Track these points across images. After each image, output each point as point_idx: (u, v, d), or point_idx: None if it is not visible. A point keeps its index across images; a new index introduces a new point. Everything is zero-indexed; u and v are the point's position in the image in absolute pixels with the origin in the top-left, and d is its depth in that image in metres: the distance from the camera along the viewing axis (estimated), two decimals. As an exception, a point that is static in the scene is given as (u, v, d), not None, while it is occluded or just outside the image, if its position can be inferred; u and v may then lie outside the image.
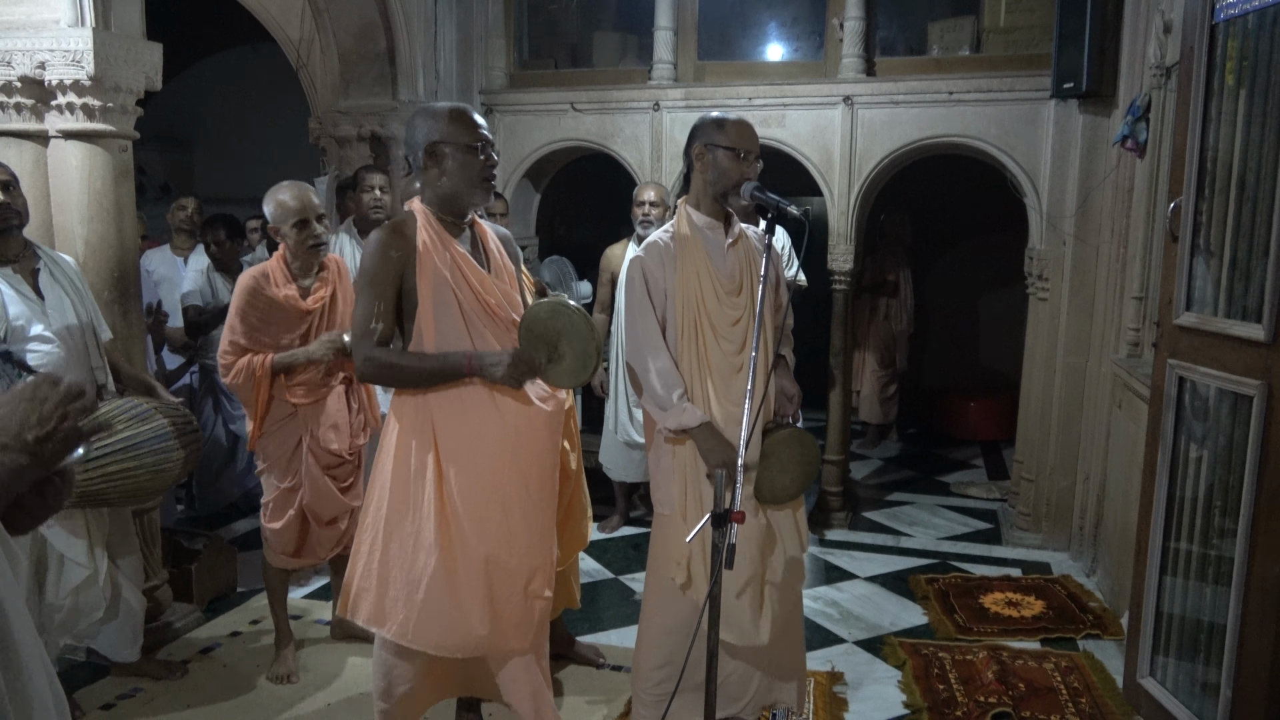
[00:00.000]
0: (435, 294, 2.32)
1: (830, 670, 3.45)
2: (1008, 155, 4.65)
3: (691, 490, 2.55)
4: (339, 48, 4.99)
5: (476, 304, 2.36)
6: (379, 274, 2.32)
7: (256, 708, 3.15)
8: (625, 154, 5.21)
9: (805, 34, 5.35)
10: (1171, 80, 3.62)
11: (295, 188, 3.08)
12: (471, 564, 2.37)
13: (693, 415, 2.48)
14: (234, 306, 3.04)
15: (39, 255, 2.88)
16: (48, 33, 3.00)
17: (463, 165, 2.33)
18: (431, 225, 2.36)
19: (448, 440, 2.35)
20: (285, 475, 3.19)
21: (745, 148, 2.49)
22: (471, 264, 2.38)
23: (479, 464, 2.36)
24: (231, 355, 3.05)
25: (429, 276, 2.32)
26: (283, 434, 3.17)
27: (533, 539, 2.45)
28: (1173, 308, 2.51)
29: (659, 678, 2.69)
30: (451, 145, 2.33)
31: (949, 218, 7.30)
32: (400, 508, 2.38)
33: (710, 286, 2.53)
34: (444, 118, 2.35)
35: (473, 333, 2.35)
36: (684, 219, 2.59)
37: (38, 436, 1.10)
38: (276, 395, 3.11)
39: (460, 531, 2.36)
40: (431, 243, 2.33)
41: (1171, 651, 2.64)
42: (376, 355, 2.33)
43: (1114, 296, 4.26)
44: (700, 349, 2.53)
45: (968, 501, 5.61)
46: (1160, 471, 2.58)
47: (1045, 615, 3.91)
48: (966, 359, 7.67)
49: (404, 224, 2.37)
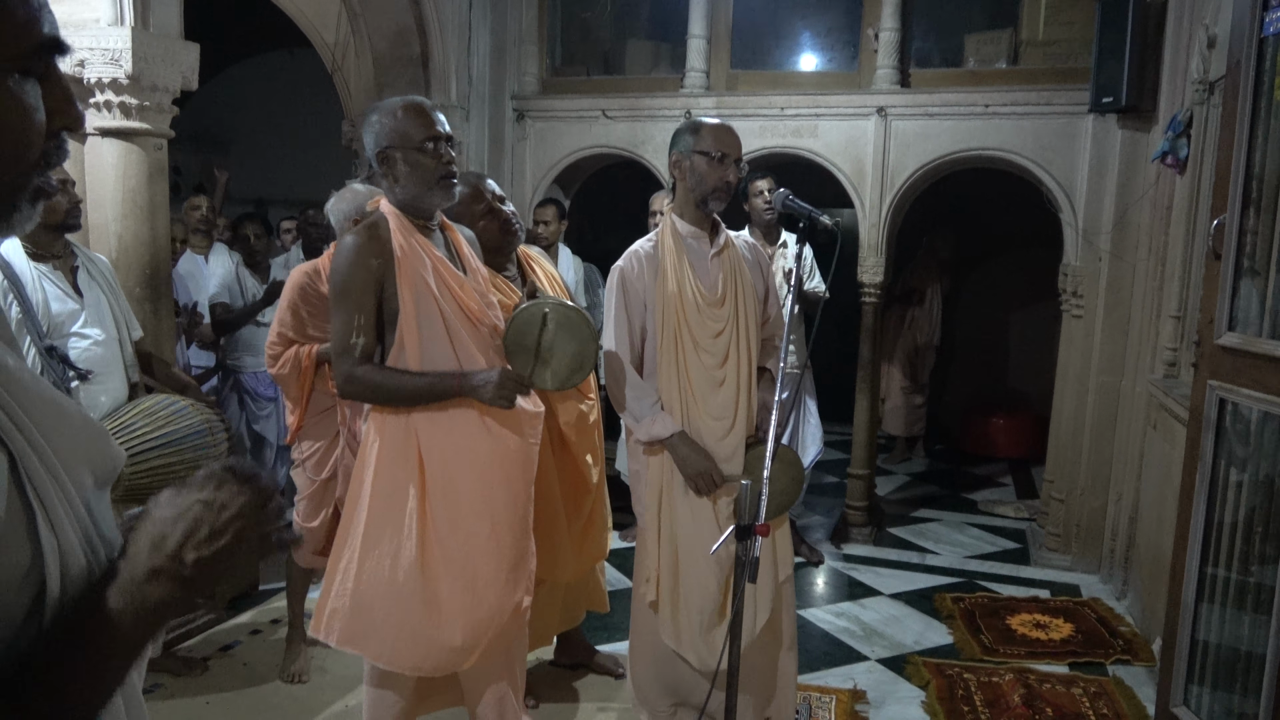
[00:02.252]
0: (418, 303, 2.19)
1: (852, 688, 3.39)
2: (1044, 170, 4.58)
3: (666, 503, 2.52)
4: (373, 52, 5.02)
5: (459, 311, 2.25)
6: (356, 284, 2.17)
7: (274, 707, 3.15)
8: (656, 162, 5.19)
9: (839, 44, 5.32)
10: (1214, 95, 3.55)
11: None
12: (456, 583, 2.26)
13: (664, 425, 2.46)
14: (285, 300, 3.11)
15: (76, 254, 2.92)
16: (87, 31, 3.03)
17: (416, 167, 2.19)
18: (405, 229, 2.22)
19: (433, 455, 2.24)
20: (321, 467, 3.22)
21: (722, 150, 2.43)
22: (450, 269, 2.25)
23: (467, 480, 2.26)
24: (280, 345, 3.11)
25: (410, 285, 2.18)
26: (321, 426, 3.21)
27: (519, 553, 2.37)
28: (1214, 328, 2.45)
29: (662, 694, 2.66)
30: (400, 149, 2.18)
31: (981, 232, 7.22)
32: (379, 525, 2.26)
33: (691, 297, 2.48)
34: (390, 116, 2.19)
35: (455, 342, 2.24)
36: (668, 227, 2.56)
37: (200, 558, 0.80)
38: (318, 387, 3.16)
39: (444, 550, 2.25)
40: (409, 248, 2.20)
41: (1207, 681, 2.57)
42: (360, 374, 2.19)
43: (1150, 315, 4.18)
44: (680, 361, 2.48)
45: (995, 520, 5.52)
46: (1198, 495, 2.51)
47: (1074, 639, 3.82)
48: (996, 375, 7.57)
49: (377, 226, 2.22)
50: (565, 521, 2.94)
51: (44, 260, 2.80)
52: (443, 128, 2.23)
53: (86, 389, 2.80)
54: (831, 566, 4.66)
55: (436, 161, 2.20)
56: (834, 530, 5.09)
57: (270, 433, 4.86)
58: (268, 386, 4.82)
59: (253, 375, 4.78)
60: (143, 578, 0.79)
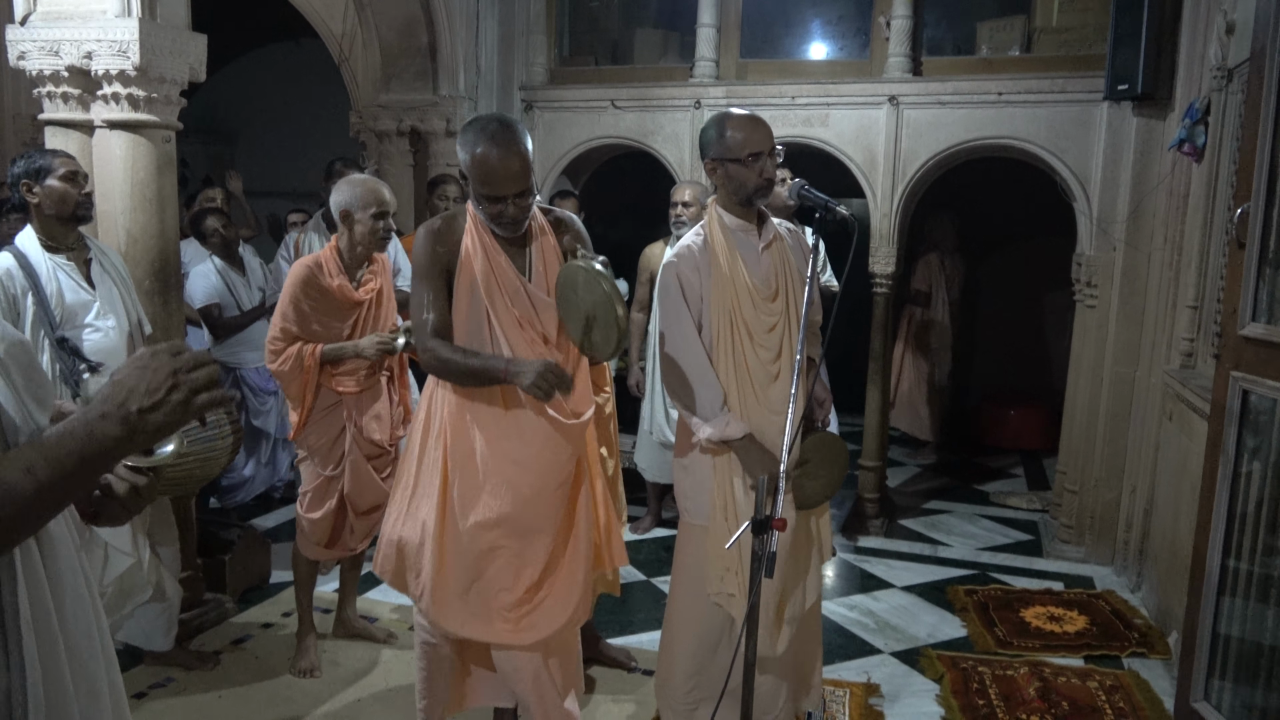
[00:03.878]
0: (470, 299, 2.34)
1: (866, 681, 3.37)
2: (1058, 158, 4.54)
3: (731, 502, 2.48)
4: (381, 42, 4.99)
5: (506, 314, 2.34)
6: (427, 267, 2.36)
7: (287, 701, 3.14)
8: (665, 152, 5.16)
9: (850, 33, 5.27)
10: (1233, 82, 3.50)
11: (374, 181, 3.11)
12: (465, 559, 2.40)
13: (737, 427, 2.41)
14: (286, 294, 3.06)
15: (90, 246, 2.91)
16: (95, 23, 3.01)
17: (484, 209, 2.29)
18: (476, 225, 2.35)
19: (457, 439, 2.39)
20: (327, 463, 3.19)
21: (754, 151, 2.36)
22: (506, 274, 2.34)
23: (486, 466, 2.37)
24: (282, 341, 3.07)
25: (466, 282, 2.34)
26: (326, 422, 3.17)
27: (545, 544, 2.43)
28: (1237, 318, 2.41)
29: (689, 687, 2.63)
30: (474, 188, 2.28)
31: (993, 222, 7.16)
32: (415, 489, 2.46)
33: (746, 292, 2.43)
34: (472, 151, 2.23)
35: (494, 341, 2.34)
36: (715, 221, 2.49)
37: (141, 407, 1.00)
38: (323, 384, 3.13)
39: (455, 530, 2.39)
40: (473, 248, 2.33)
41: (1228, 675, 2.54)
42: (430, 347, 2.35)
43: (1166, 305, 4.14)
44: (738, 356, 2.44)
45: (1007, 512, 5.49)
46: (1220, 488, 2.48)
47: (1088, 631, 3.80)
48: (1007, 366, 7.52)
49: (453, 220, 2.39)
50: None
51: (58, 252, 2.80)
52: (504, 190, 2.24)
53: (97, 380, 2.79)
54: (843, 558, 4.64)
55: (500, 214, 2.28)
56: (845, 522, 5.06)
57: (270, 426, 4.84)
58: (268, 381, 4.79)
59: (254, 371, 4.76)
60: (95, 416, 1.00)
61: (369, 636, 3.55)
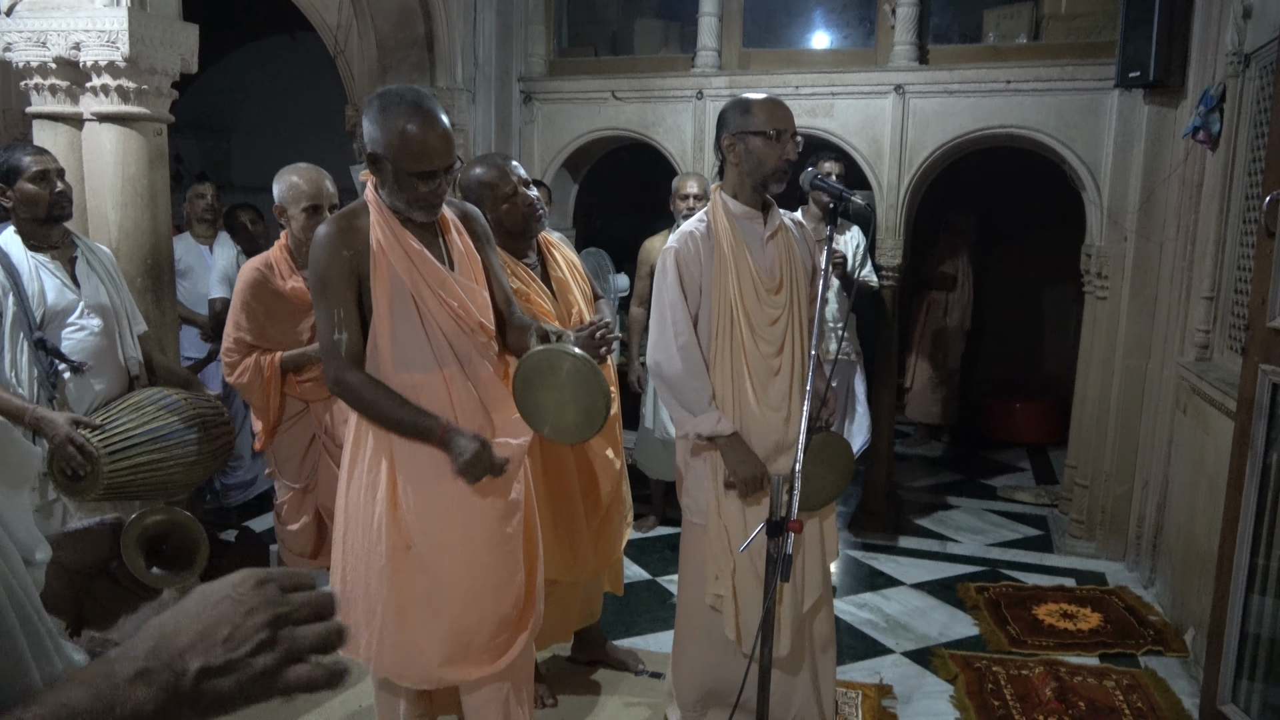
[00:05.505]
0: (393, 301, 2.07)
1: (879, 683, 3.30)
2: (1067, 147, 4.46)
3: (726, 498, 2.41)
4: (377, 34, 4.89)
5: (439, 309, 2.10)
6: (333, 277, 2.06)
7: (285, 706, 3.07)
8: (667, 143, 5.07)
9: (854, 21, 5.19)
10: (1250, 68, 3.42)
11: (311, 171, 2.92)
12: (422, 592, 2.17)
13: (726, 424, 2.33)
14: (236, 301, 2.89)
15: (76, 244, 2.83)
16: (83, 12, 2.92)
17: (405, 188, 2.03)
18: (384, 218, 2.09)
19: (405, 457, 2.13)
20: (298, 476, 3.06)
21: (778, 127, 2.29)
22: (430, 263, 2.09)
23: (439, 485, 2.13)
24: (237, 354, 2.90)
25: (384, 280, 2.06)
26: (294, 432, 3.03)
27: (505, 573, 2.23)
28: (1266, 309, 2.34)
29: (700, 693, 2.57)
30: (394, 166, 2.02)
31: (1000, 212, 7.09)
32: (354, 524, 2.19)
33: (750, 283, 2.35)
34: (392, 126, 1.99)
35: (433, 341, 2.10)
36: (720, 208, 2.40)
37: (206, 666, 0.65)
38: (287, 392, 2.96)
39: (411, 558, 2.16)
40: (385, 240, 2.07)
41: (1257, 676, 2.47)
42: (350, 381, 2.08)
43: (1180, 296, 4.06)
44: (737, 349, 2.35)
45: (1015, 506, 5.42)
46: (1249, 484, 2.41)
47: (1103, 629, 3.73)
48: (1013, 359, 7.45)
49: (355, 215, 2.11)
50: (584, 518, 2.84)
51: (41, 251, 2.72)
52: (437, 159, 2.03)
53: (80, 380, 2.71)
54: (851, 555, 4.57)
55: (431, 193, 2.05)
56: (852, 518, 4.99)
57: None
58: None
59: None
60: (128, 676, 0.64)
61: None
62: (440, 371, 2.12)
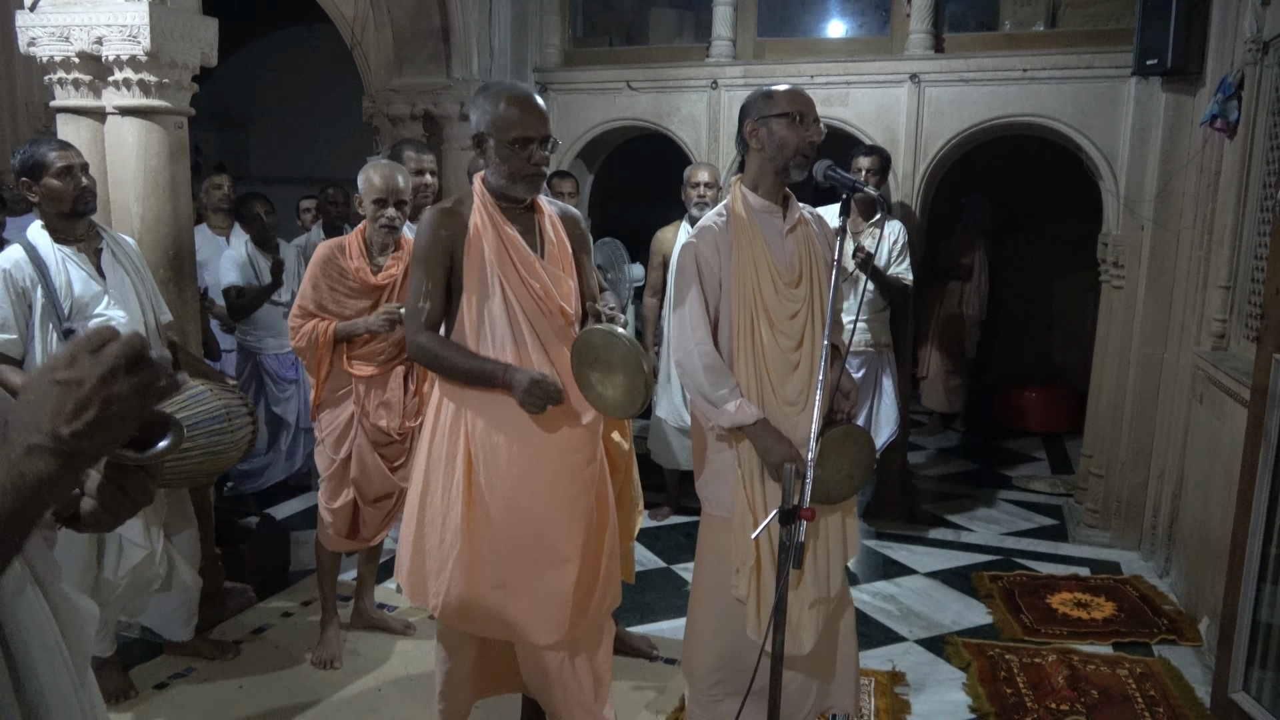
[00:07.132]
0: (480, 280, 2.27)
1: (891, 670, 3.33)
2: (1084, 136, 4.44)
3: (754, 491, 2.41)
4: (393, 25, 4.93)
5: (522, 289, 2.28)
6: (428, 252, 2.29)
7: (307, 690, 3.13)
8: (682, 133, 5.08)
9: (869, 9, 5.17)
10: (1269, 55, 3.40)
11: (388, 168, 3.10)
12: (496, 550, 2.32)
13: (748, 412, 2.33)
14: (307, 274, 3.14)
15: (102, 236, 2.88)
16: (105, 7, 2.96)
17: (505, 159, 2.24)
18: (487, 206, 2.29)
19: (480, 427, 2.31)
20: (338, 446, 3.19)
21: (800, 110, 2.30)
22: (520, 248, 2.28)
23: (508, 454, 2.30)
24: (300, 319, 3.13)
25: (475, 261, 2.27)
26: (339, 406, 3.19)
27: (568, 534, 2.35)
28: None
29: (713, 680, 2.59)
30: (495, 139, 2.23)
31: (1016, 201, 7.06)
32: (434, 485, 2.37)
33: (769, 277, 2.35)
34: (493, 105, 2.22)
35: (512, 322, 2.28)
36: (739, 201, 2.40)
37: (74, 431, 0.81)
38: (337, 365, 3.14)
39: (486, 517, 2.32)
40: (483, 225, 2.27)
41: (1269, 665, 2.48)
42: (422, 340, 2.31)
43: (1196, 285, 4.05)
44: (756, 344, 2.36)
45: (1030, 496, 5.42)
46: (1262, 472, 2.41)
47: (1116, 618, 3.74)
48: (1029, 348, 7.43)
49: (460, 202, 2.33)
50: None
51: (68, 243, 2.77)
52: (540, 127, 2.23)
53: None
54: (865, 544, 4.58)
55: (525, 161, 2.23)
56: (867, 507, 5.00)
57: (290, 414, 4.82)
58: (289, 368, 4.77)
59: (274, 357, 4.74)
60: (19, 453, 0.81)
61: (386, 627, 3.53)
62: (520, 349, 2.28)
